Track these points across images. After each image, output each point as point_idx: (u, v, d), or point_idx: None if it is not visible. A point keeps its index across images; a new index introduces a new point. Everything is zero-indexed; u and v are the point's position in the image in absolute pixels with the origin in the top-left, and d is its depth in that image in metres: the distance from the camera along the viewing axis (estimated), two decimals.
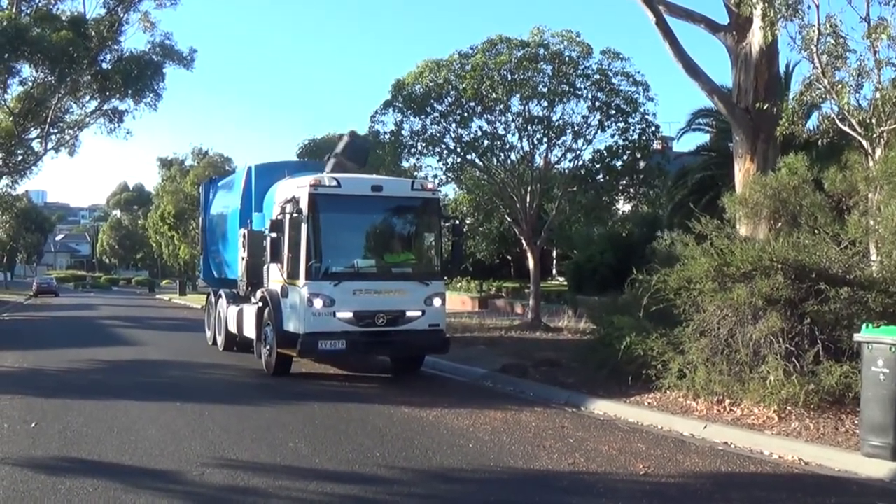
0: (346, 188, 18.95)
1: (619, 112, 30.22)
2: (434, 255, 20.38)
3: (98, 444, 12.11)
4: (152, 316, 47.88)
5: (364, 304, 18.40)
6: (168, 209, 77.59)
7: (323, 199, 18.57)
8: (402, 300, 18.78)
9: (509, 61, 29.34)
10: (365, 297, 18.48)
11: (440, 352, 19.93)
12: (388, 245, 20.26)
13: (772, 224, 17.52)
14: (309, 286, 18.15)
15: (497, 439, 12.68)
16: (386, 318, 18.52)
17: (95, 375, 20.30)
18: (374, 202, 19.42)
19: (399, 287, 18.96)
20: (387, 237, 20.30)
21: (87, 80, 46.82)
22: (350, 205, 19.18)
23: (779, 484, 10.58)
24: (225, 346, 25.22)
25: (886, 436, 10.78)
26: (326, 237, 18.75)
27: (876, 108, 16.64)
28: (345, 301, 18.22)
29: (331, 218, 18.80)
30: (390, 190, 19.79)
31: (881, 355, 10.90)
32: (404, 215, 20.24)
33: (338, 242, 19.23)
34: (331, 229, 18.91)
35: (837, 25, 16.87)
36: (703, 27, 20.91)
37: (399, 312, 18.68)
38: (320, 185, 18.63)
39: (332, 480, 10.20)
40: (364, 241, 19.84)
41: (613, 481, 10.49)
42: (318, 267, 18.33)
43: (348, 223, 19.51)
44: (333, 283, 18.24)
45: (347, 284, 18.35)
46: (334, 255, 18.86)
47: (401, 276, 19.32)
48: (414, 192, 19.92)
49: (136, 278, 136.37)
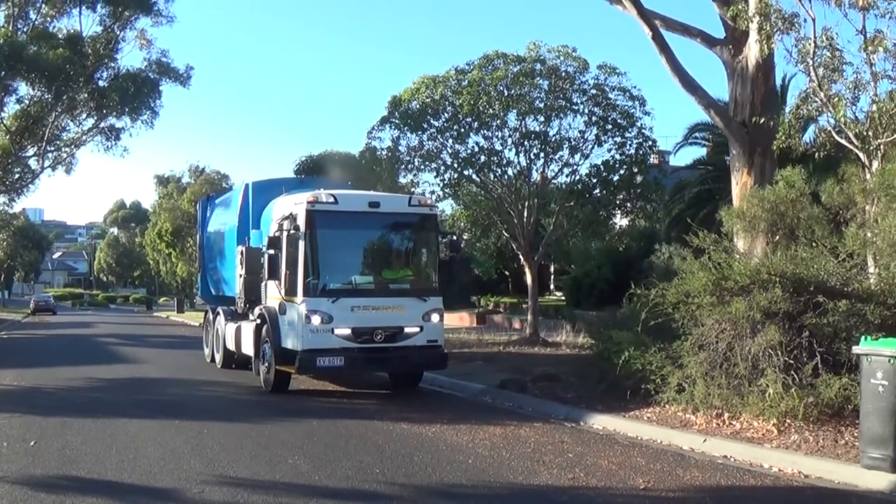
0: (343, 204, 18.95)
1: (616, 127, 30.29)
2: (432, 270, 20.14)
3: (97, 462, 12.09)
4: (150, 333, 47.81)
5: (362, 320, 18.38)
6: (165, 226, 77.71)
7: (320, 216, 18.55)
8: (400, 316, 18.79)
9: (506, 77, 29.42)
10: (363, 313, 18.45)
11: (438, 367, 19.81)
12: (386, 261, 20.09)
13: (769, 237, 17.51)
14: (307, 303, 18.06)
15: (496, 455, 12.65)
16: (384, 334, 18.47)
17: (94, 393, 20.23)
18: (371, 218, 19.43)
19: (397, 303, 18.95)
20: (384, 253, 20.14)
21: (84, 98, 46.77)
22: (347, 221, 19.15)
23: (779, 497, 10.58)
24: (223, 363, 25.08)
25: (886, 448, 10.77)
26: (324, 254, 18.66)
27: (873, 121, 16.65)
28: (343, 317, 18.18)
29: (328, 234, 18.79)
30: (388, 206, 19.78)
31: (880, 367, 10.90)
32: (402, 231, 20.12)
33: (335, 259, 19.14)
34: (328, 246, 18.83)
35: (833, 38, 16.88)
36: (699, 41, 20.94)
37: (397, 328, 18.66)
38: (317, 202, 18.62)
39: (332, 497, 10.22)
40: (362, 257, 19.70)
41: (613, 496, 10.48)
42: (315, 283, 18.28)
43: (346, 239, 19.52)
44: (331, 300, 18.13)
45: (345, 301, 18.26)
46: (332, 272, 18.80)
47: (399, 293, 19.25)
48: (411, 209, 19.85)
49: (133, 296, 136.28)
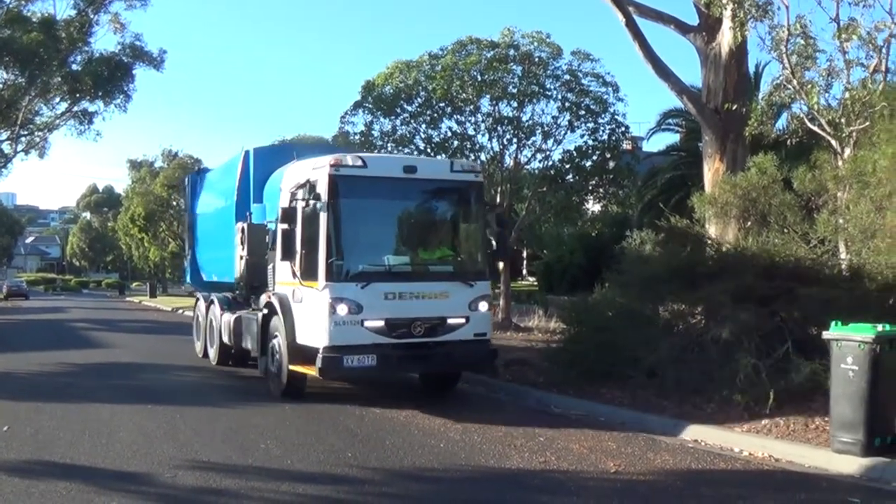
0: (373, 169, 15.98)
1: (589, 112, 30.33)
2: (478, 249, 17.03)
3: (71, 446, 12.07)
4: (122, 318, 47.57)
5: (398, 310, 15.44)
6: (138, 211, 77.26)
7: (346, 183, 15.56)
8: (443, 305, 15.79)
9: (479, 62, 29.40)
10: (398, 301, 15.46)
11: (486, 367, 17.33)
12: (425, 238, 17.26)
13: (741, 223, 17.62)
14: (331, 289, 15.07)
15: (468, 439, 12.70)
16: (424, 326, 15.53)
17: (67, 378, 20.15)
18: (406, 186, 16.47)
19: (439, 289, 15.93)
20: (423, 228, 17.35)
21: (58, 82, 46.78)
22: (379, 189, 16.24)
23: (749, 480, 10.63)
24: (218, 359, 22.01)
25: (856, 432, 10.85)
26: (351, 229, 15.72)
27: (845, 108, 16.82)
28: (374, 307, 15.19)
29: (356, 205, 15.96)
30: (426, 171, 16.84)
31: (850, 353, 10.97)
32: (443, 202, 17.35)
33: (365, 235, 16.21)
34: (356, 219, 15.94)
35: (807, 26, 17.06)
36: (672, 28, 21.01)
37: (439, 319, 15.71)
38: (342, 166, 15.56)
39: (304, 481, 10.21)
40: (396, 233, 16.87)
41: (584, 479, 10.54)
42: (341, 265, 15.24)
43: (377, 211, 16.57)
44: (360, 285, 15.18)
45: (377, 286, 15.30)
46: (361, 251, 15.88)
47: (440, 276, 16.32)
48: (454, 175, 16.66)
49: (106, 281, 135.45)
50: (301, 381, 16.42)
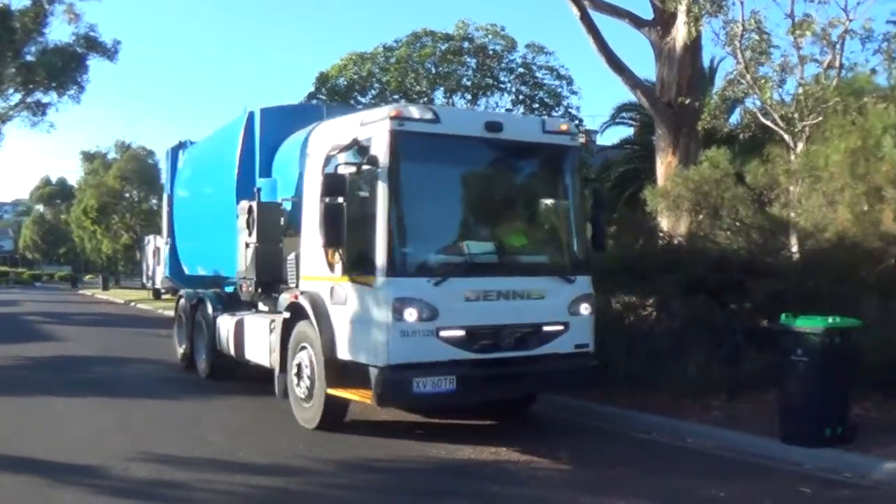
0: (447, 124, 11.68)
1: (543, 105, 30.60)
2: (577, 234, 12.86)
3: (24, 440, 11.98)
4: (76, 311, 47.10)
5: (482, 314, 11.50)
6: (91, 203, 76.64)
7: (413, 142, 11.38)
8: (538, 307, 11.93)
9: (433, 54, 29.57)
10: (483, 303, 11.53)
11: (586, 387, 13.29)
12: (513, 218, 13.16)
13: (693, 216, 17.75)
14: (393, 285, 11.02)
15: (419, 431, 12.68)
16: (514, 337, 11.71)
17: (19, 371, 20.00)
18: (490, 149, 12.42)
19: (532, 287, 11.97)
20: (510, 206, 13.20)
21: (12, 73, 46.49)
22: (455, 152, 12.12)
23: (700, 471, 10.69)
24: (210, 372, 17.91)
25: (807, 423, 10.96)
26: (419, 205, 11.80)
27: (798, 103, 16.98)
28: (453, 310, 11.22)
29: (426, 172, 12.09)
30: (513, 131, 12.35)
31: (801, 344, 11.07)
32: (533, 171, 13.41)
33: (437, 214, 12.22)
34: (426, 192, 12.02)
35: (761, 21, 17.26)
36: (627, 22, 21.15)
37: (532, 327, 11.87)
38: (407, 119, 11.33)
39: (257, 473, 10.23)
40: (477, 211, 12.79)
41: (535, 469, 10.57)
42: (405, 254, 11.39)
43: (453, 182, 12.53)
44: (433, 281, 11.21)
45: (456, 283, 11.36)
46: (432, 235, 12.03)
47: (535, 269, 12.35)
48: (546, 137, 12.52)
49: (59, 274, 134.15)
50: (342, 409, 12.54)
